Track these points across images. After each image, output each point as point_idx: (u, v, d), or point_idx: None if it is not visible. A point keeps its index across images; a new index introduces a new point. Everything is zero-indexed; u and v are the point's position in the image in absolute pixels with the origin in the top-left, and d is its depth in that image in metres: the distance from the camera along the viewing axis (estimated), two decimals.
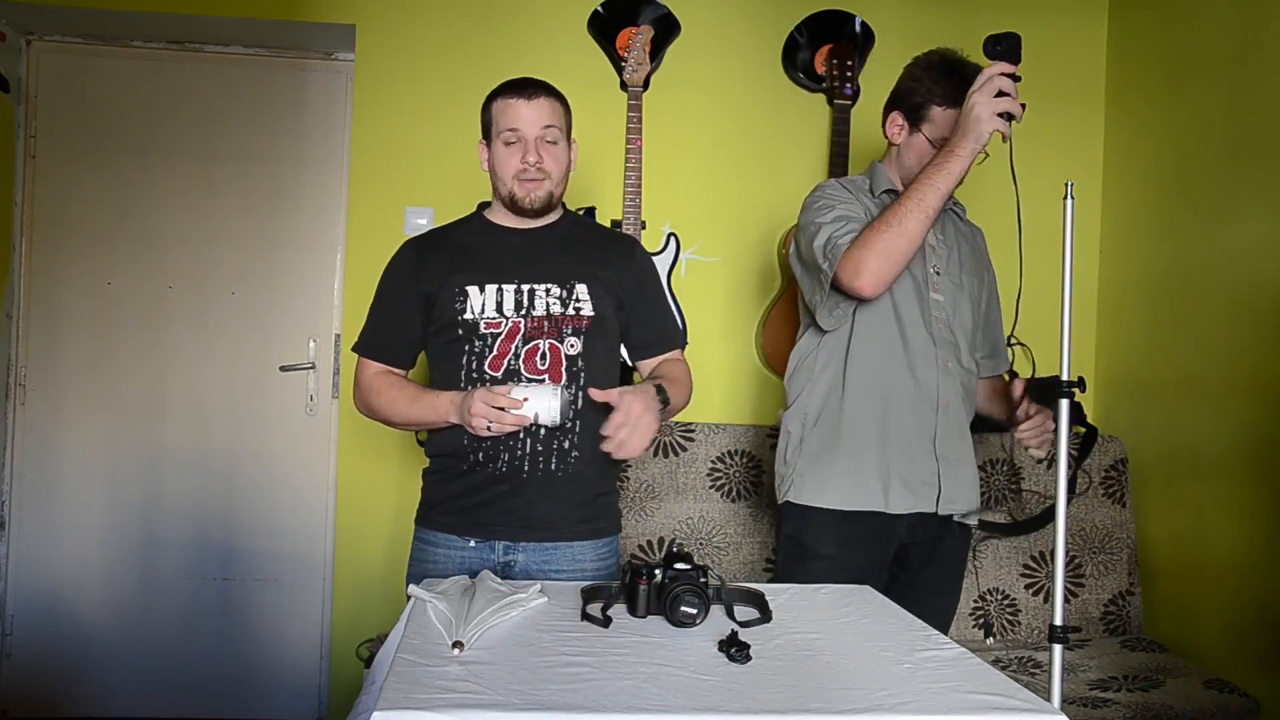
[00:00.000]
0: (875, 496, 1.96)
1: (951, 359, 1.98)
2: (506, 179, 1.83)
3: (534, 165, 1.80)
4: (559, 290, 1.83)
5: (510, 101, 1.81)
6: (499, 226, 1.90)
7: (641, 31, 2.85)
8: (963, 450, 2.01)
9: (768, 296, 3.02)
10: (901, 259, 1.82)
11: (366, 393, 1.90)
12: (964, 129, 1.75)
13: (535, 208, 1.84)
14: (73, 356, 3.11)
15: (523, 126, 1.80)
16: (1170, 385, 2.79)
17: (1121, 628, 2.82)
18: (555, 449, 1.80)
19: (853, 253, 1.83)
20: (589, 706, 1.09)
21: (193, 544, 3.12)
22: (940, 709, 1.13)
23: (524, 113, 1.80)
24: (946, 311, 1.99)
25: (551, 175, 1.83)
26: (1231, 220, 2.59)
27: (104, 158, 3.11)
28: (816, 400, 2.01)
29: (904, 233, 1.79)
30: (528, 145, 1.80)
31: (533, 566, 1.82)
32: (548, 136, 1.82)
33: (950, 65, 1.94)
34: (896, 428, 1.96)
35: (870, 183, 2.05)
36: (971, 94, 1.73)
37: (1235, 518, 2.52)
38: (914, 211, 1.78)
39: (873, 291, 1.84)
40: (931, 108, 1.93)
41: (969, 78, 1.86)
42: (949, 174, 1.77)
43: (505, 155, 1.82)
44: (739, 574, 2.76)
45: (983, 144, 1.74)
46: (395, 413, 1.86)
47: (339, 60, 3.17)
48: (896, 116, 2.00)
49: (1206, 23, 2.73)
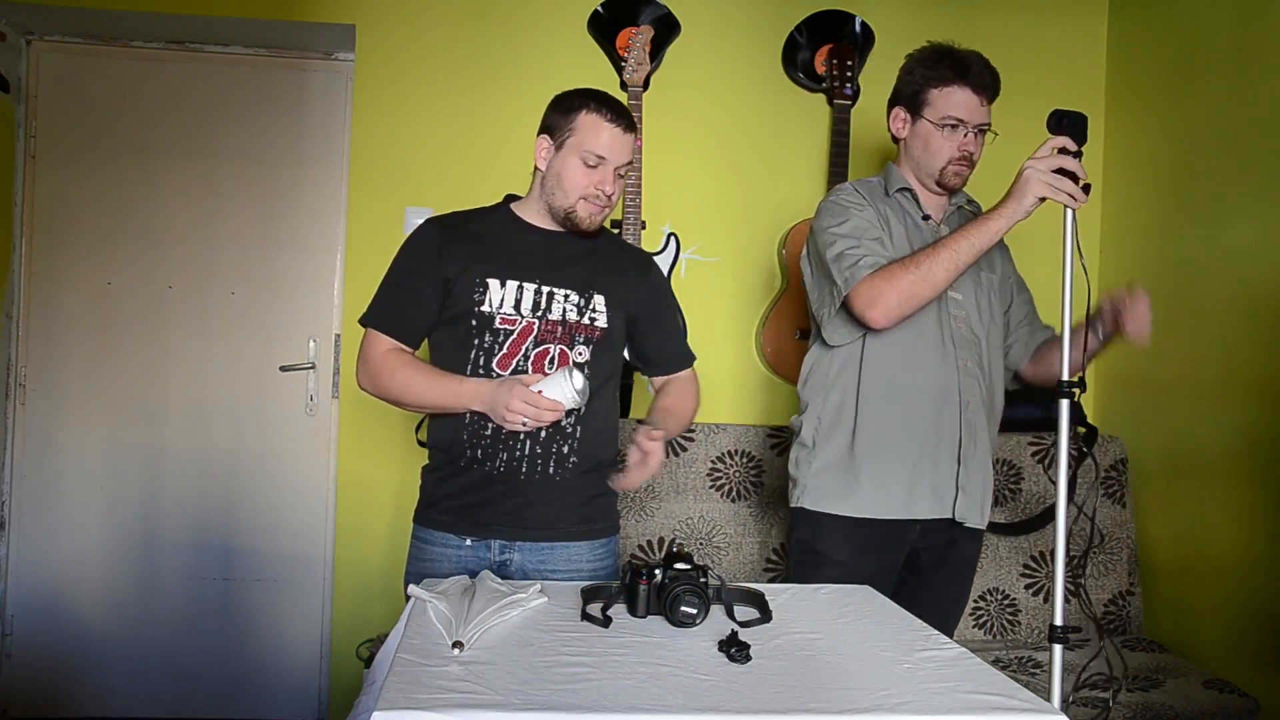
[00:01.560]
0: (894, 503, 1.95)
1: (971, 359, 1.97)
2: (572, 195, 1.80)
3: (606, 194, 1.80)
4: (577, 298, 1.82)
5: (605, 125, 1.77)
6: (527, 224, 1.87)
7: (641, 31, 2.85)
8: (982, 454, 2.00)
9: (768, 296, 3.02)
10: (919, 303, 1.84)
11: (378, 371, 1.81)
12: (1013, 190, 1.77)
13: (591, 231, 1.84)
14: (73, 356, 3.11)
15: (610, 156, 1.78)
16: (1170, 385, 2.79)
17: (1121, 628, 2.82)
18: (554, 453, 1.80)
19: (874, 282, 1.84)
20: (589, 706, 1.09)
21: (193, 544, 3.12)
22: (940, 709, 1.13)
23: (617, 143, 1.78)
24: (966, 310, 1.98)
25: (613, 205, 1.85)
26: (1231, 221, 2.59)
27: (104, 158, 3.11)
28: (831, 407, 2.01)
29: (929, 279, 1.81)
30: (607, 174, 1.79)
31: (529, 566, 1.82)
32: (622, 171, 1.82)
33: (940, 51, 1.96)
34: (918, 431, 1.95)
35: (885, 183, 2.05)
36: (1028, 160, 1.74)
37: (1235, 518, 2.52)
38: (945, 262, 1.81)
39: (883, 325, 1.86)
40: (928, 91, 1.95)
41: (960, 59, 1.92)
42: (987, 232, 1.79)
43: (579, 173, 1.79)
44: (739, 574, 2.76)
45: (1026, 209, 1.75)
46: (410, 393, 1.79)
47: (339, 60, 3.17)
48: (899, 111, 2.02)
49: (1206, 23, 2.73)
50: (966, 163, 1.96)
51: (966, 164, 1.96)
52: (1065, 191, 1.71)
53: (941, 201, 2.04)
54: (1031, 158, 1.74)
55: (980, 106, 1.93)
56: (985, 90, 1.93)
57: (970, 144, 1.95)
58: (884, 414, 1.95)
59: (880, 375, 1.96)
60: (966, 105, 1.92)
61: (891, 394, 1.95)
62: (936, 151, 1.96)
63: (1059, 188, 1.71)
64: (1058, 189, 1.71)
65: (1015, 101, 3.14)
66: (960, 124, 1.93)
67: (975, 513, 2.00)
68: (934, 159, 1.96)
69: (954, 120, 1.93)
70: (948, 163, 1.95)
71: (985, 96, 1.93)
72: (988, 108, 1.95)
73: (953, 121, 1.93)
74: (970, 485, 1.98)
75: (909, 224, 2.00)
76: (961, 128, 1.93)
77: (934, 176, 1.98)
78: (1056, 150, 1.72)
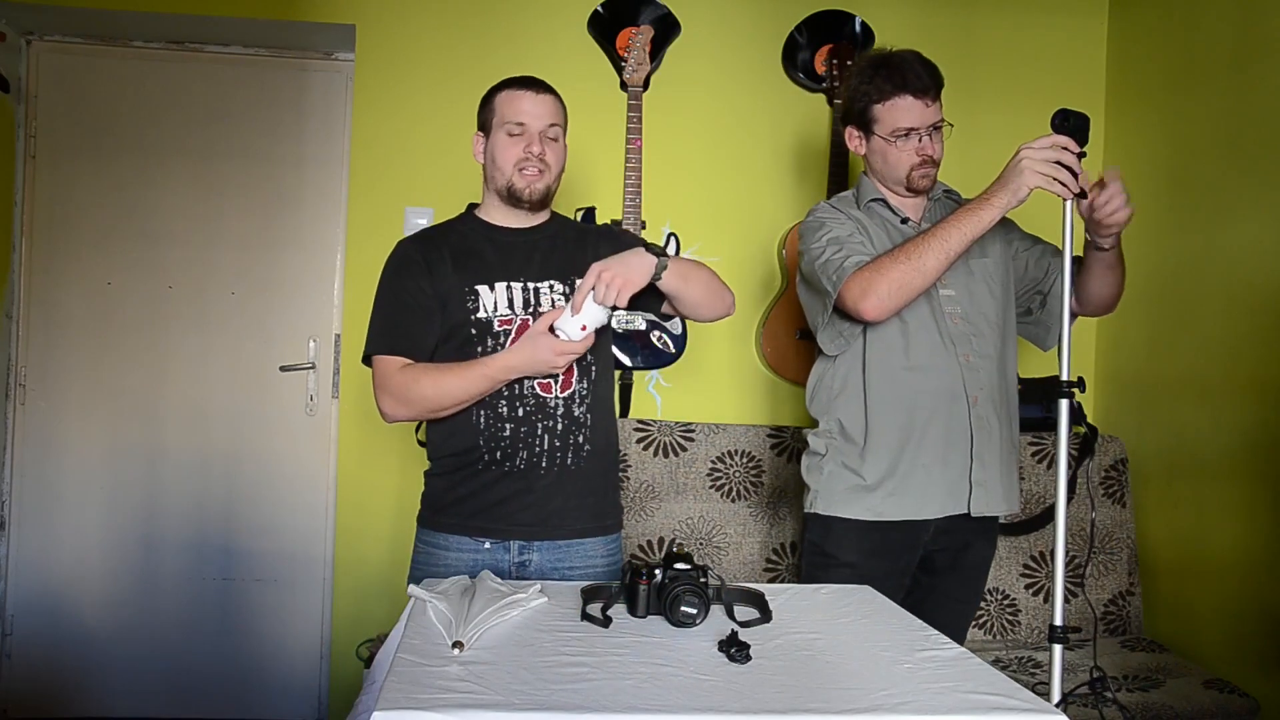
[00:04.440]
0: (907, 506, 1.94)
1: (974, 353, 1.95)
2: (507, 169, 1.83)
3: (537, 157, 1.82)
4: (561, 287, 1.85)
5: (517, 94, 1.83)
6: (495, 226, 1.90)
7: (641, 31, 2.85)
8: (995, 446, 1.98)
9: (768, 296, 3.02)
10: (912, 293, 1.83)
11: (402, 389, 1.78)
12: (1005, 179, 1.74)
13: (534, 200, 1.84)
14: (73, 356, 3.11)
15: (529, 120, 1.82)
16: (1170, 385, 2.79)
17: (1121, 628, 2.82)
18: (571, 443, 1.81)
19: (864, 274, 1.84)
20: (589, 706, 1.09)
21: (193, 544, 3.12)
22: (940, 709, 1.13)
23: (531, 106, 1.82)
24: (961, 304, 1.97)
25: (551, 169, 1.85)
26: (1231, 220, 2.59)
27: (104, 158, 3.11)
28: (840, 417, 2.00)
29: (920, 269, 1.80)
30: (532, 137, 1.82)
31: (547, 565, 1.83)
32: (550, 133, 1.84)
33: (874, 63, 1.95)
34: (927, 432, 1.94)
35: (857, 195, 2.06)
36: (1024, 146, 1.71)
37: (1235, 518, 2.52)
38: (935, 251, 1.79)
39: (875, 316, 1.85)
40: (872, 108, 1.95)
41: (895, 67, 1.90)
42: (978, 221, 1.77)
43: (507, 145, 1.82)
44: (739, 574, 2.76)
45: (1020, 199, 1.72)
46: (444, 393, 1.75)
47: (339, 60, 3.17)
48: (851, 130, 2.02)
49: (1206, 24, 2.72)
50: (929, 164, 1.95)
51: (929, 165, 1.95)
52: (1060, 181, 1.68)
53: (918, 202, 2.03)
54: (1028, 145, 1.71)
55: (926, 108, 1.92)
56: (927, 92, 1.91)
57: (927, 147, 1.94)
58: (892, 419, 1.95)
59: (884, 381, 1.95)
60: (912, 113, 1.91)
61: (897, 399, 1.95)
62: (896, 163, 1.95)
63: (1055, 177, 1.68)
64: (1053, 179, 1.69)
65: (1015, 101, 3.16)
66: (912, 131, 1.92)
67: (994, 505, 1.98)
68: (896, 169, 1.96)
69: (904, 130, 1.92)
70: (910, 169, 1.95)
71: (929, 97, 1.92)
72: (936, 104, 1.93)
73: (903, 132, 1.92)
74: (988, 480, 1.96)
75: (889, 229, 2.00)
76: (914, 134, 1.92)
77: (901, 184, 1.98)
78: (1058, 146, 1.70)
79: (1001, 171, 1.76)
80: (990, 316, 1.99)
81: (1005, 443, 2.00)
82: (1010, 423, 2.02)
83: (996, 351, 1.99)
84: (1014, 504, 2.04)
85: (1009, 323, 2.03)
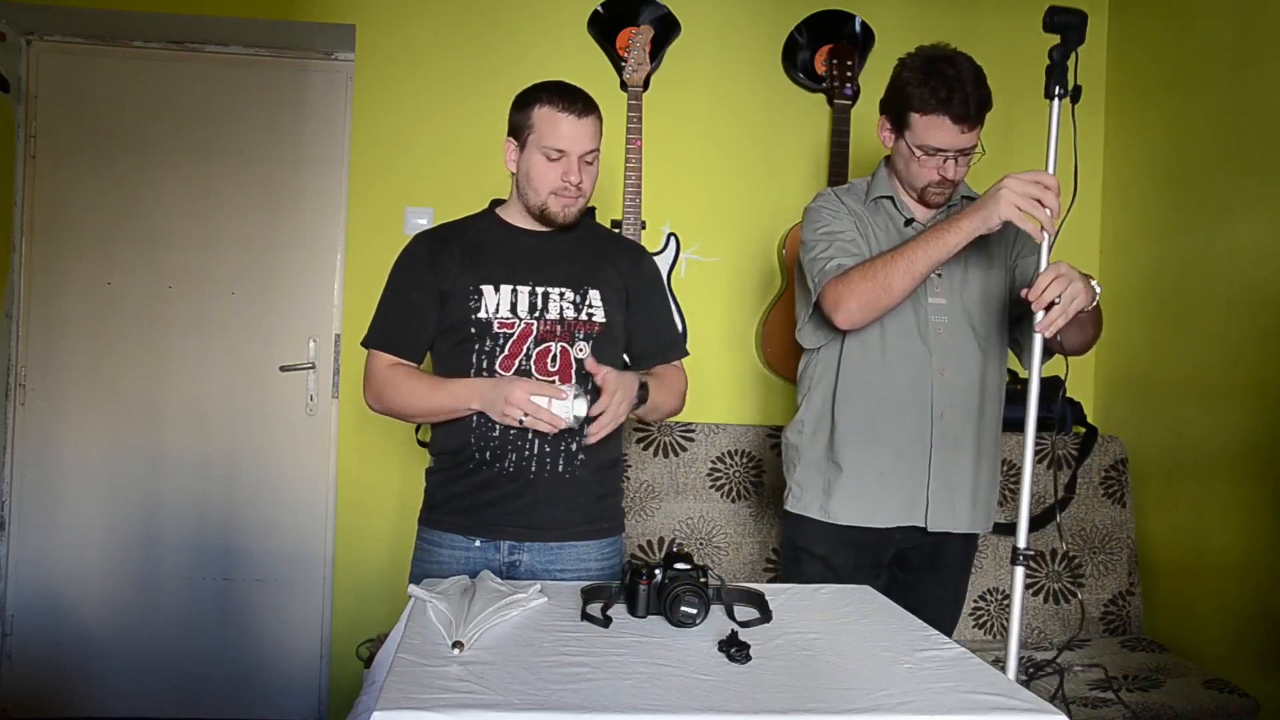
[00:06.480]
0: (860, 512, 1.95)
1: (952, 367, 1.94)
2: (542, 191, 1.79)
3: (575, 185, 1.78)
4: (573, 295, 1.83)
5: (559, 115, 1.75)
6: (514, 227, 1.88)
7: (641, 31, 2.85)
8: (964, 463, 1.96)
9: (768, 297, 3.02)
10: (878, 311, 1.83)
11: (381, 387, 1.83)
12: (981, 204, 1.72)
13: (567, 223, 1.83)
14: (73, 356, 3.11)
15: (569, 147, 1.75)
16: (1170, 385, 2.79)
17: (1121, 628, 2.82)
18: (563, 451, 1.80)
19: (836, 286, 1.84)
20: (589, 706, 1.09)
21: (193, 544, 3.11)
22: (940, 709, 1.13)
23: (572, 130, 1.75)
24: (950, 316, 1.95)
25: (586, 193, 1.82)
26: (1231, 221, 2.59)
27: (104, 158, 3.11)
28: (813, 413, 2.02)
29: (886, 288, 1.80)
30: (571, 165, 1.77)
31: (538, 566, 1.82)
32: (589, 158, 1.79)
33: (932, 64, 1.87)
34: (888, 440, 1.94)
35: (869, 187, 2.03)
36: (1008, 176, 1.69)
37: (1235, 518, 2.52)
38: (901, 272, 1.79)
39: (847, 327, 1.87)
40: (909, 113, 1.89)
41: (948, 82, 1.83)
42: (945, 245, 1.76)
43: (545, 169, 1.78)
44: (739, 574, 2.76)
45: (990, 228, 1.70)
46: (412, 404, 1.81)
47: (339, 60, 3.17)
48: (884, 121, 1.98)
49: (1206, 24, 2.73)
50: (946, 185, 1.92)
51: (946, 186, 1.93)
52: (1034, 221, 1.67)
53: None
54: (1012, 176, 1.69)
55: (962, 134, 1.86)
56: (967, 120, 1.85)
57: (949, 169, 1.90)
58: (857, 420, 1.95)
59: (855, 380, 1.96)
60: (946, 135, 1.86)
61: (865, 400, 1.95)
62: (916, 174, 1.93)
63: (1029, 213, 1.67)
64: (1027, 216, 1.67)
65: (1015, 101, 3.14)
66: (939, 151, 1.88)
67: (952, 522, 1.96)
68: (914, 179, 1.94)
69: (933, 149, 1.88)
70: (926, 185, 1.93)
71: (967, 125, 1.86)
72: (973, 132, 1.88)
73: (931, 150, 1.88)
74: (941, 496, 1.94)
75: (890, 230, 1.98)
76: (941, 154, 1.89)
77: (915, 193, 1.97)
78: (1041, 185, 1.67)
79: (982, 195, 1.74)
80: (980, 331, 1.97)
81: (979, 461, 1.97)
82: (989, 440, 1.99)
83: (979, 366, 1.97)
84: (982, 524, 2.01)
85: (1000, 341, 2.01)
